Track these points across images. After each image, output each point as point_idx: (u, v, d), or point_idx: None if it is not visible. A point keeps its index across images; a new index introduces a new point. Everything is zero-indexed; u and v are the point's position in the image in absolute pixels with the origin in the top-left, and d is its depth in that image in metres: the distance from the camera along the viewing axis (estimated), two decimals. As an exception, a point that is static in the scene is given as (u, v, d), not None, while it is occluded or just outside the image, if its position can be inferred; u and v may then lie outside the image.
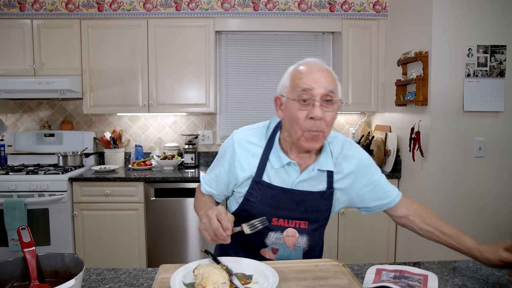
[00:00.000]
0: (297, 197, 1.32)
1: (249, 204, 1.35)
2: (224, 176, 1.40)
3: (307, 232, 1.36)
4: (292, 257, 1.36)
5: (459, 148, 2.78)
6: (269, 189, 1.32)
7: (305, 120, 1.22)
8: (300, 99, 1.22)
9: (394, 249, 3.32)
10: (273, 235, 1.34)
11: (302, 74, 1.24)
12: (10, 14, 3.40)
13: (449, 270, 1.28)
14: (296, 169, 1.33)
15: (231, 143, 1.38)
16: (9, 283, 1.02)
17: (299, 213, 1.34)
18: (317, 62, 1.28)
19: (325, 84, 1.21)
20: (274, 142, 1.36)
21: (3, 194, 3.03)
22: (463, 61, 2.71)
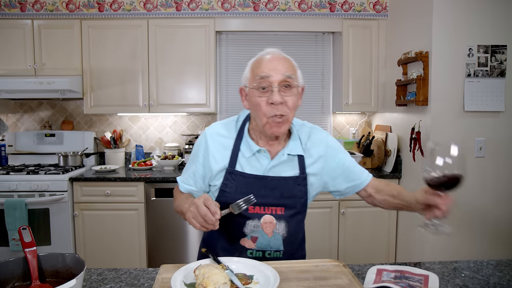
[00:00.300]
0: (270, 183, 1.36)
1: (225, 195, 1.37)
2: (200, 171, 1.43)
3: (285, 218, 1.38)
4: (272, 244, 1.37)
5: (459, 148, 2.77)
6: (243, 178, 1.36)
7: (266, 106, 1.28)
8: (259, 86, 1.29)
9: (395, 250, 3.32)
10: (250, 223, 1.35)
11: (260, 63, 1.32)
12: (11, 14, 3.40)
13: (449, 271, 1.28)
14: (266, 156, 1.37)
15: (203, 138, 1.43)
16: (10, 283, 1.02)
17: (275, 199, 1.36)
18: (275, 51, 1.36)
19: (282, 70, 1.28)
20: (244, 132, 1.41)
21: (4, 194, 3.03)
22: (463, 61, 2.71)
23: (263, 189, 1.35)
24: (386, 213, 3.27)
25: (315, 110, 3.90)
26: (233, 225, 1.35)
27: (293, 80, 1.30)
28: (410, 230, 3.08)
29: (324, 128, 3.79)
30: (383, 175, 3.26)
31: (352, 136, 3.84)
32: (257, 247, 1.37)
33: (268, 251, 1.38)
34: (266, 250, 1.37)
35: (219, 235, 1.44)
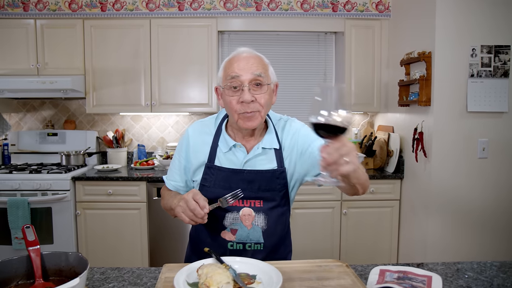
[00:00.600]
0: (247, 177, 1.39)
1: (205, 189, 1.41)
2: (183, 166, 1.50)
3: (263, 211, 1.40)
4: (251, 236, 1.39)
5: (462, 149, 2.77)
6: (220, 172, 1.41)
7: (237, 104, 1.33)
8: (231, 86, 1.34)
9: (397, 250, 3.32)
10: (230, 215, 1.39)
11: (231, 63, 1.36)
12: (14, 14, 3.41)
13: (453, 272, 1.28)
14: (242, 150, 1.42)
15: (186, 135, 1.51)
16: (14, 281, 1.02)
17: (252, 192, 1.39)
18: (245, 50, 1.39)
19: (252, 69, 1.32)
20: (221, 129, 1.46)
21: (6, 193, 3.04)
22: (466, 62, 2.71)
23: (241, 183, 1.39)
24: (388, 213, 3.27)
25: (317, 110, 3.89)
26: (213, 218, 1.38)
27: (263, 78, 1.34)
28: (412, 230, 3.08)
29: (326, 128, 3.83)
30: (385, 175, 3.26)
31: (354, 136, 3.83)
32: (237, 239, 1.40)
33: (248, 243, 1.40)
34: (246, 242, 1.40)
35: (202, 229, 1.48)
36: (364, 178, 1.27)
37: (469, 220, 2.81)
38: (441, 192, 2.80)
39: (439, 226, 2.82)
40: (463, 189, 2.79)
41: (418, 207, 2.98)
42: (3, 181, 3.05)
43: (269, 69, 1.41)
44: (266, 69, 1.38)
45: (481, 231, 2.82)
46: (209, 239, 1.44)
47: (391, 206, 3.28)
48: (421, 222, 2.92)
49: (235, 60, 1.36)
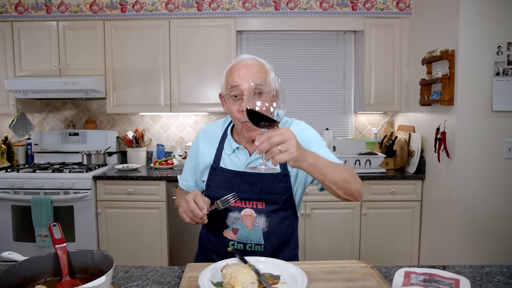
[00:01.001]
0: (249, 179, 1.42)
1: (210, 189, 1.47)
2: (194, 166, 1.56)
3: (265, 213, 1.42)
4: (252, 236, 1.41)
5: (487, 149, 2.71)
6: (224, 173, 1.45)
7: (237, 113, 1.35)
8: (231, 95, 1.36)
9: (418, 252, 3.26)
10: (232, 215, 1.42)
11: (231, 72, 1.38)
12: (37, 16, 3.47)
13: (481, 275, 1.25)
14: (245, 153, 1.45)
15: (196, 138, 1.59)
16: (42, 278, 1.04)
17: (254, 195, 1.41)
18: (245, 58, 1.40)
19: (250, 78, 1.31)
20: (227, 133, 1.51)
21: (30, 191, 3.10)
22: (492, 59, 2.64)
23: (243, 184, 1.42)
24: (409, 214, 3.22)
25: (337, 110, 3.87)
26: (217, 217, 1.43)
27: (262, 87, 1.28)
28: (434, 232, 3.02)
29: (345, 128, 3.83)
30: (406, 176, 3.21)
31: (374, 136, 3.79)
32: (238, 239, 1.42)
33: (249, 244, 1.41)
34: (246, 242, 1.42)
35: (208, 228, 1.52)
36: (337, 177, 1.19)
37: (494, 222, 2.74)
38: (465, 193, 2.74)
39: (462, 228, 2.76)
40: (487, 190, 2.73)
41: (440, 208, 2.93)
42: (27, 179, 3.11)
43: (270, 76, 1.37)
44: (266, 76, 1.35)
45: (506, 234, 2.75)
46: (213, 237, 1.48)
47: (412, 207, 3.23)
48: (444, 224, 2.87)
49: (236, 68, 1.37)
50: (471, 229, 2.75)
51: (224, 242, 1.44)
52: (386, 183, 3.20)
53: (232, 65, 1.40)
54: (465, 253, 2.77)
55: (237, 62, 1.39)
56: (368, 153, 3.33)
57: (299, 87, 3.79)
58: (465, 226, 2.75)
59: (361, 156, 3.28)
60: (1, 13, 3.47)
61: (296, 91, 3.78)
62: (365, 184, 3.19)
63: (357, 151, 3.36)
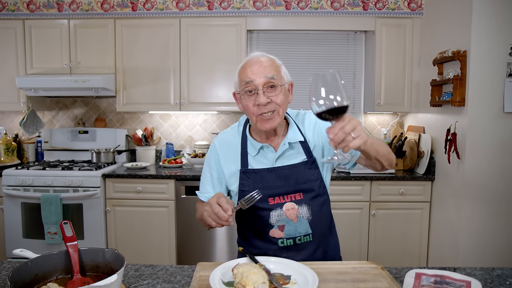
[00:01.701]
0: (282, 173, 1.43)
1: (244, 195, 1.41)
2: (215, 177, 1.55)
3: (306, 202, 1.43)
4: (299, 229, 1.41)
5: (498, 151, 2.68)
6: (256, 174, 1.45)
7: (253, 107, 1.38)
8: (246, 91, 1.38)
9: (427, 253, 3.24)
10: (274, 213, 1.42)
11: (244, 69, 1.40)
12: (49, 14, 3.50)
13: (493, 277, 1.23)
14: (271, 150, 1.47)
15: (213, 148, 1.57)
16: (54, 276, 1.04)
17: (290, 187, 1.43)
18: (257, 54, 1.44)
19: (264, 73, 1.36)
20: (246, 135, 1.51)
21: (40, 189, 3.12)
22: (504, 60, 2.61)
23: (278, 180, 1.43)
24: (418, 214, 3.20)
25: (346, 110, 3.84)
26: (259, 219, 1.43)
27: (276, 80, 1.37)
28: (443, 233, 3.00)
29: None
30: (416, 177, 3.18)
31: (384, 136, 3.77)
32: (286, 235, 1.41)
33: (298, 237, 1.41)
34: (295, 236, 1.41)
35: (249, 234, 1.51)
36: (384, 150, 1.35)
37: (505, 225, 2.71)
38: (475, 194, 2.71)
39: (472, 229, 2.73)
40: (498, 192, 2.70)
41: (450, 210, 2.90)
42: (37, 177, 3.14)
43: (282, 70, 1.44)
44: (278, 70, 1.41)
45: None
46: (258, 241, 1.46)
47: (421, 208, 3.21)
48: (453, 225, 2.84)
49: (248, 65, 1.40)
50: (482, 231, 2.72)
51: (272, 242, 1.42)
52: (395, 183, 3.17)
53: (244, 62, 1.43)
54: (475, 255, 2.74)
55: (249, 59, 1.42)
56: (378, 153, 3.31)
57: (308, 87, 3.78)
58: (475, 228, 2.73)
59: (370, 157, 3.25)
60: (13, 11, 3.50)
61: (306, 91, 3.76)
62: (374, 185, 3.17)
63: (366, 152, 3.34)
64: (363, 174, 3.15)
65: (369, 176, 3.15)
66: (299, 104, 3.66)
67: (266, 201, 1.42)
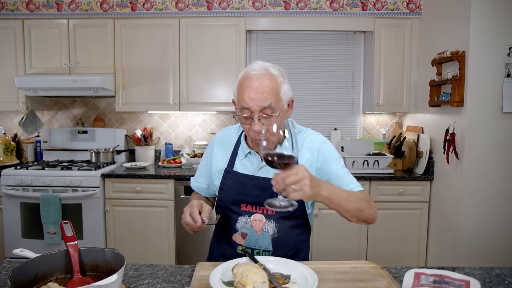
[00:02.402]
0: (261, 184, 1.42)
1: (223, 193, 1.49)
2: (208, 169, 1.58)
3: (275, 219, 1.42)
4: (260, 242, 1.41)
5: (496, 151, 2.69)
6: (236, 176, 1.46)
7: (249, 131, 1.36)
8: (242, 115, 1.35)
9: (425, 253, 3.24)
10: (241, 219, 1.44)
11: (242, 90, 1.34)
12: (48, 14, 3.49)
13: (491, 277, 1.24)
14: (257, 158, 1.47)
15: (212, 141, 1.61)
16: (54, 275, 1.05)
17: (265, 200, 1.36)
18: (256, 71, 1.34)
19: (261, 101, 1.30)
20: (240, 139, 1.52)
21: (39, 189, 3.12)
22: (503, 61, 2.62)
23: (254, 189, 1.43)
24: (417, 215, 3.20)
25: (345, 110, 3.86)
26: (228, 220, 1.46)
27: (273, 108, 1.32)
28: (442, 233, 3.00)
29: (353, 129, 3.82)
30: (414, 177, 3.19)
31: (383, 137, 3.78)
32: (246, 244, 1.42)
33: (257, 250, 1.41)
34: (254, 248, 1.41)
35: (219, 231, 1.56)
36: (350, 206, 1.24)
37: (503, 224, 2.72)
38: (474, 194, 2.72)
39: (470, 229, 2.74)
40: (496, 192, 2.71)
41: (448, 210, 2.91)
42: (36, 177, 3.13)
43: (282, 91, 1.35)
44: (277, 93, 1.33)
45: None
46: (222, 242, 1.50)
47: (420, 208, 3.21)
48: (452, 225, 2.85)
49: (246, 86, 1.32)
50: (480, 231, 2.73)
51: (232, 246, 1.44)
52: (394, 183, 3.18)
53: (242, 78, 1.36)
54: (474, 254, 2.75)
55: (248, 78, 1.34)
56: (376, 153, 3.32)
57: (308, 87, 3.78)
58: (474, 227, 2.73)
59: (369, 157, 3.26)
60: (12, 10, 3.50)
61: (305, 91, 3.78)
62: (373, 185, 3.17)
63: (366, 152, 3.35)
64: (362, 174, 3.16)
65: (368, 176, 3.15)
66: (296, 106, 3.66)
67: (239, 205, 1.44)
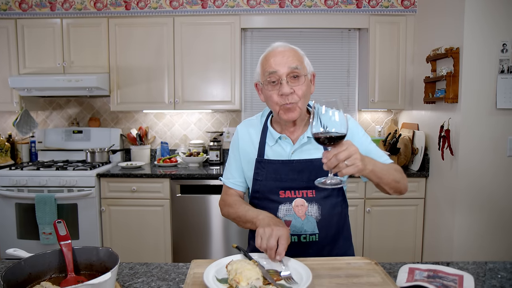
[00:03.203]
0: (297, 167, 1.41)
1: (258, 184, 1.46)
2: (238, 164, 1.56)
3: (316, 201, 1.41)
4: (306, 227, 1.39)
5: (491, 147, 2.70)
6: (270, 164, 1.45)
7: (277, 97, 1.37)
8: (270, 81, 1.38)
9: (421, 249, 3.26)
10: (283, 207, 1.41)
11: (268, 59, 1.40)
12: (41, 13, 3.48)
13: (485, 271, 1.24)
14: (288, 142, 1.46)
15: (236, 134, 1.59)
16: (48, 275, 1.04)
17: (303, 182, 1.41)
18: (280, 45, 1.42)
19: (288, 63, 1.36)
20: (267, 125, 1.51)
21: (34, 189, 3.11)
22: (496, 57, 2.63)
23: (291, 173, 1.41)
24: (413, 212, 3.21)
25: (340, 108, 3.85)
26: (268, 211, 1.40)
27: (299, 70, 1.37)
28: (438, 229, 3.01)
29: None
30: (410, 173, 3.20)
31: (378, 134, 3.78)
32: (292, 231, 1.39)
33: (303, 235, 1.40)
34: (300, 233, 1.40)
35: None
36: (389, 178, 1.31)
37: (498, 220, 2.74)
38: (468, 190, 2.73)
39: (465, 225, 2.75)
40: (491, 188, 2.72)
41: (444, 206, 2.92)
42: (31, 177, 3.12)
43: (305, 60, 1.43)
44: (301, 61, 1.40)
45: (510, 231, 2.74)
46: None
47: (416, 205, 3.22)
48: (447, 221, 2.86)
49: (271, 55, 1.39)
50: (475, 226, 2.75)
51: None
52: (390, 181, 3.18)
53: (267, 53, 1.42)
54: (469, 249, 2.76)
55: (272, 50, 1.41)
56: (372, 151, 3.32)
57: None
58: (469, 223, 2.75)
59: (365, 154, 3.26)
60: (5, 10, 3.48)
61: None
62: (368, 182, 3.17)
63: (361, 149, 3.35)
64: (357, 171, 3.16)
65: (363, 173, 3.15)
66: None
67: (277, 193, 1.42)
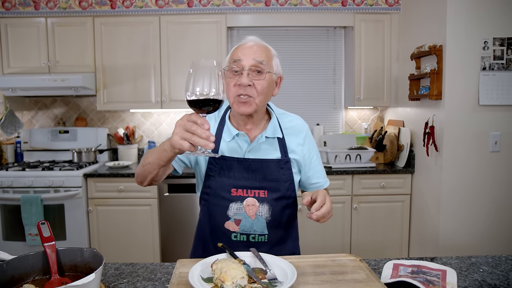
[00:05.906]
0: (252, 166, 1.40)
1: (210, 179, 1.44)
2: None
3: (268, 201, 1.40)
4: (255, 227, 1.39)
5: (474, 143, 2.74)
6: (225, 161, 1.42)
7: (234, 87, 1.33)
8: (232, 69, 1.34)
9: (408, 245, 3.30)
10: (234, 205, 1.39)
11: (236, 49, 1.38)
12: (25, 12, 3.43)
13: (467, 266, 1.27)
14: (246, 139, 1.42)
15: None
16: (31, 277, 1.03)
17: (256, 182, 1.40)
18: (253, 39, 1.41)
19: (254, 56, 1.33)
20: (225, 120, 1.47)
21: (20, 190, 3.08)
22: (478, 54, 2.67)
23: (245, 172, 1.40)
24: (399, 208, 3.25)
25: (327, 105, 3.88)
26: (218, 208, 1.41)
27: (264, 66, 1.34)
28: (423, 225, 3.06)
29: (336, 123, 3.86)
30: (396, 170, 3.24)
31: (364, 131, 3.81)
32: (241, 230, 1.39)
33: (252, 235, 1.40)
34: (250, 233, 1.40)
35: (206, 220, 1.48)
36: None
37: (482, 215, 2.79)
38: (453, 186, 2.78)
39: (451, 220, 2.80)
40: (475, 183, 2.77)
41: (429, 202, 2.96)
42: (17, 178, 3.09)
43: (274, 60, 1.41)
44: (270, 58, 1.38)
45: (493, 225, 2.79)
46: (213, 231, 1.45)
47: (402, 201, 3.26)
48: (433, 217, 2.90)
49: (241, 47, 1.38)
50: (460, 221, 2.79)
51: (226, 235, 1.40)
52: (376, 177, 3.22)
53: (239, 44, 1.41)
54: (454, 245, 2.81)
55: (244, 43, 1.40)
56: (359, 147, 3.36)
57: (289, 83, 3.79)
58: (454, 219, 2.79)
59: (352, 151, 3.30)
60: (-12, 10, 3.43)
61: (286, 87, 3.78)
62: (355, 179, 3.21)
63: (348, 146, 3.39)
64: (344, 169, 3.19)
65: (350, 170, 3.18)
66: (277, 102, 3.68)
67: (229, 191, 1.40)
